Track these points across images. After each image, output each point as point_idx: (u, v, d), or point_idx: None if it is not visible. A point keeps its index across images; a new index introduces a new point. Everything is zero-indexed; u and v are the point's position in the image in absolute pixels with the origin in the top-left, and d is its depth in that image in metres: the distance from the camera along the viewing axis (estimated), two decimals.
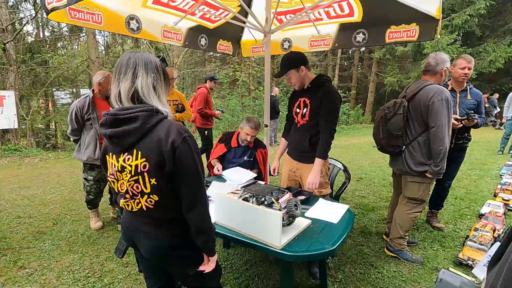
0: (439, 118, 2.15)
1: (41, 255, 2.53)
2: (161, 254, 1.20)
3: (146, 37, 3.47)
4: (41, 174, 5.42)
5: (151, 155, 1.03)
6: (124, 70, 1.05)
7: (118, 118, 1.03)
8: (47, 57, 10.44)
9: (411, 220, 2.43)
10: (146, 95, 1.07)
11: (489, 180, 4.78)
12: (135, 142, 1.04)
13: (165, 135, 1.03)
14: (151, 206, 1.10)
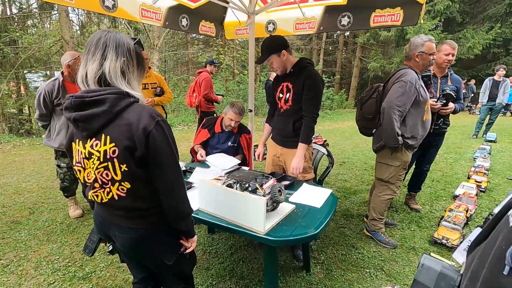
0: (391, 94, 2.20)
1: (17, 245, 2.43)
2: (138, 245, 1.15)
3: (123, 16, 3.27)
4: (15, 161, 5.16)
5: (121, 140, 0.97)
6: (93, 50, 0.98)
7: (84, 101, 0.96)
8: (15, 36, 9.73)
9: (382, 203, 2.49)
10: (114, 79, 1.00)
11: (464, 163, 5.00)
12: (102, 126, 0.98)
13: (136, 119, 0.98)
14: (123, 194, 1.04)
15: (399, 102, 2.17)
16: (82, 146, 1.03)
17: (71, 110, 0.99)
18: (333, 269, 2.20)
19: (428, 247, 2.48)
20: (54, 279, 2.04)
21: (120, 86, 1.01)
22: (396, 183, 2.45)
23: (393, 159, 2.36)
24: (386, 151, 2.38)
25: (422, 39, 2.23)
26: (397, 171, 2.39)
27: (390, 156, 2.37)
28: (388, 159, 2.39)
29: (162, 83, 3.34)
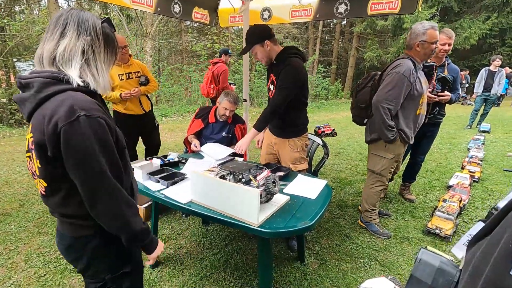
0: (383, 87, 2.15)
1: (6, 238, 2.39)
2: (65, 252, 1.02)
3: (113, 1, 3.16)
4: (4, 152, 5.06)
5: (35, 132, 0.84)
6: (52, 28, 0.88)
7: (20, 82, 0.87)
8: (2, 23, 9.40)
9: (373, 194, 2.48)
10: (66, 59, 0.87)
11: (458, 154, 5.03)
12: (31, 112, 0.86)
13: (51, 111, 0.82)
14: (43, 192, 0.93)
15: (390, 96, 2.11)
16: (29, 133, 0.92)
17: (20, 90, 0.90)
18: (327, 260, 2.20)
19: (421, 237, 2.49)
20: (45, 271, 2.01)
21: (71, 68, 0.88)
22: (387, 175, 2.44)
23: (387, 152, 2.33)
24: (380, 143, 2.35)
25: (424, 27, 2.10)
26: (390, 163, 2.37)
27: (383, 148, 2.34)
28: (382, 151, 2.36)
29: (146, 71, 3.23)
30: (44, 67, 0.89)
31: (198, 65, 12.16)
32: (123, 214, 0.92)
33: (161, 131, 6.39)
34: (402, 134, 2.25)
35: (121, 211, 0.91)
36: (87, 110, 0.83)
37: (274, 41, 2.07)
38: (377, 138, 2.33)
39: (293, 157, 2.19)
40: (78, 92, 0.87)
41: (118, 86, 2.93)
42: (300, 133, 2.22)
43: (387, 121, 2.16)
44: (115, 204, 0.90)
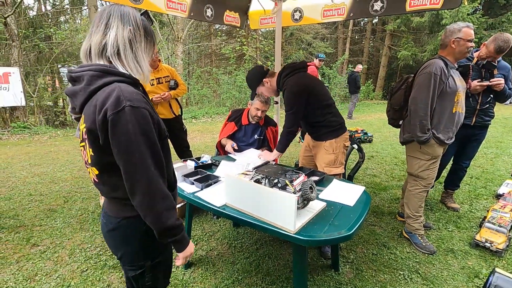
0: (416, 90, 2.14)
1: (53, 232, 2.55)
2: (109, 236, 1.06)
3: (149, 8, 3.27)
4: (51, 151, 5.46)
5: (88, 122, 0.89)
6: (97, 21, 0.92)
7: (70, 76, 0.92)
8: (49, 32, 10.21)
9: (414, 198, 2.35)
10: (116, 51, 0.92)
11: (507, 159, 4.61)
12: (81, 104, 0.92)
13: (101, 101, 0.86)
14: (96, 179, 0.99)
15: (423, 96, 2.09)
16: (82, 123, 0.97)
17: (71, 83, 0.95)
18: (363, 269, 2.10)
19: (468, 250, 2.29)
20: (87, 266, 2.11)
21: (120, 60, 0.93)
22: (428, 178, 2.30)
23: (422, 153, 2.25)
24: (414, 144, 2.28)
25: (459, 25, 2.08)
26: (427, 165, 2.26)
27: (418, 149, 2.26)
28: (417, 152, 2.28)
29: (174, 75, 3.30)
30: (91, 60, 0.93)
31: (227, 68, 12.34)
32: (156, 206, 0.92)
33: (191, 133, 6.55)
34: (435, 133, 2.17)
35: (155, 203, 0.92)
36: (132, 101, 0.86)
37: (271, 74, 2.23)
38: (411, 139, 2.27)
39: (328, 159, 2.14)
40: (124, 83, 0.91)
41: (149, 91, 3.03)
42: (337, 134, 2.17)
43: (424, 122, 2.11)
44: (151, 195, 0.91)
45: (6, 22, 7.71)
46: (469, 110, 2.55)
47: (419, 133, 2.14)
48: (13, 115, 7.97)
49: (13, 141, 6.45)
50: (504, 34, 2.44)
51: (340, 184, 1.90)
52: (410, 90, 2.27)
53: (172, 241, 0.99)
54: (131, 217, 1.00)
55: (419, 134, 2.14)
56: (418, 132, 2.14)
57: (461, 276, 2.02)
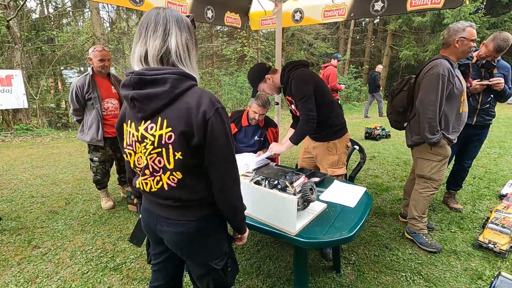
0: (424, 92, 2.10)
1: (54, 234, 2.56)
2: (188, 241, 1.05)
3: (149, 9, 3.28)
4: (53, 153, 5.48)
5: (178, 124, 0.89)
6: (153, 26, 0.90)
7: (144, 79, 0.89)
8: (51, 35, 10.27)
9: (424, 200, 2.33)
10: (180, 56, 0.93)
11: (510, 159, 4.57)
12: (160, 108, 0.90)
13: (196, 103, 0.89)
14: (173, 184, 0.97)
15: (432, 99, 2.05)
16: (134, 128, 0.96)
17: (129, 88, 0.92)
18: (365, 271, 2.08)
19: (471, 251, 2.27)
20: (88, 269, 2.11)
21: (183, 65, 0.94)
22: (440, 179, 2.28)
23: (433, 154, 2.22)
24: (424, 145, 2.24)
25: (463, 24, 2.06)
26: (439, 166, 2.24)
27: (429, 151, 2.22)
28: (428, 154, 2.24)
29: None
30: (147, 65, 0.92)
31: (228, 69, 12.35)
32: (241, 196, 1.05)
33: None
34: (446, 134, 2.15)
35: (240, 194, 1.04)
36: (219, 102, 0.94)
37: (273, 71, 2.21)
38: (420, 141, 2.23)
39: (331, 160, 2.13)
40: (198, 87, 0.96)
41: None
42: (339, 134, 2.16)
43: (433, 124, 2.07)
44: (238, 187, 1.03)
45: (9, 25, 7.77)
46: (470, 109, 2.53)
47: (429, 135, 2.11)
48: (16, 117, 8.02)
49: (16, 143, 6.48)
50: (503, 33, 2.42)
51: (341, 185, 1.89)
52: (413, 92, 2.26)
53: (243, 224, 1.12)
54: (208, 214, 1.05)
55: (429, 136, 2.11)
56: (428, 134, 2.11)
57: (464, 277, 2.00)
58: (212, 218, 1.07)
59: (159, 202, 1.03)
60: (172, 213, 1.03)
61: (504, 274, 0.67)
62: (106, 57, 2.66)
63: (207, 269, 1.12)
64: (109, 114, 2.77)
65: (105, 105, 2.74)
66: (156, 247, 1.20)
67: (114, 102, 2.80)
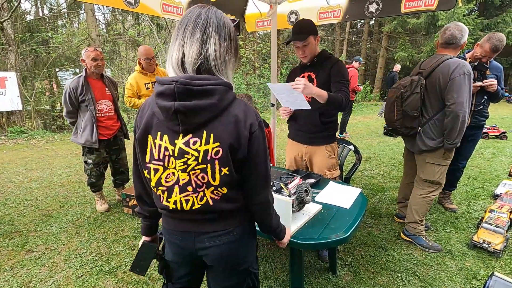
0: (460, 95, 1.98)
1: (48, 238, 2.53)
2: (234, 249, 1.00)
3: (145, 12, 3.28)
4: (47, 156, 5.43)
5: (227, 139, 0.84)
6: (191, 29, 0.82)
7: (190, 89, 0.80)
8: (45, 36, 10.19)
9: (427, 203, 2.33)
10: (218, 66, 0.85)
11: (504, 159, 4.62)
12: (206, 122, 0.83)
13: (243, 116, 0.85)
14: (218, 197, 0.92)
15: (466, 100, 1.99)
16: (168, 142, 0.86)
17: (169, 98, 0.81)
18: (361, 272, 2.09)
19: (466, 251, 2.29)
20: (82, 272, 2.09)
21: (222, 75, 0.86)
22: (444, 182, 2.31)
23: (445, 159, 2.21)
24: (440, 151, 2.18)
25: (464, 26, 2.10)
26: (444, 169, 2.26)
27: (442, 156, 2.19)
28: (440, 159, 2.21)
29: None
30: (184, 72, 0.84)
31: None
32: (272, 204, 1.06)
33: None
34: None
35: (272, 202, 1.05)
36: (258, 115, 0.92)
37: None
38: (438, 145, 2.15)
39: (330, 163, 2.10)
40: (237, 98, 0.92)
41: (144, 95, 3.03)
42: (335, 136, 2.15)
43: (464, 127, 2.05)
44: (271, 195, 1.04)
45: (3, 26, 7.70)
46: None
47: (457, 140, 2.06)
48: (10, 120, 7.94)
49: (10, 145, 6.41)
50: (498, 34, 2.45)
51: (336, 187, 1.90)
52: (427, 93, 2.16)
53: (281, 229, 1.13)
54: (244, 222, 1.03)
55: (457, 140, 2.06)
56: (458, 138, 2.05)
57: (459, 277, 2.02)
58: (250, 223, 1.06)
59: (199, 218, 0.95)
60: (216, 225, 0.97)
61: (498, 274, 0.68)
62: (98, 56, 2.65)
63: (246, 275, 1.09)
64: (103, 116, 2.76)
65: (99, 106, 2.72)
66: (184, 269, 1.10)
67: (108, 104, 2.79)
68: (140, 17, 13.47)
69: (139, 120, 0.92)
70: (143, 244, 1.12)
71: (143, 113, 0.90)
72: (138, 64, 3.08)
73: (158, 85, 0.84)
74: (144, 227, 1.13)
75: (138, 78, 3.04)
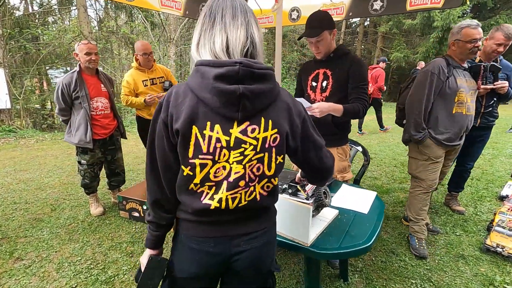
0: (412, 89, 2.16)
1: (39, 244, 2.36)
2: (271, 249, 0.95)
3: (143, 5, 3.14)
4: (37, 156, 5.21)
5: (283, 125, 0.82)
6: (231, 13, 0.78)
7: (253, 72, 0.76)
8: (35, 32, 9.89)
9: (414, 199, 2.30)
10: (260, 52, 0.82)
11: (504, 160, 4.60)
12: (264, 107, 0.80)
13: (292, 103, 0.86)
14: (265, 193, 0.88)
15: (418, 95, 2.08)
16: (221, 132, 0.78)
17: (231, 81, 0.74)
18: (373, 278, 1.99)
19: (479, 255, 2.21)
20: (77, 282, 1.94)
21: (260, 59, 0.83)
22: (427, 179, 2.23)
23: (419, 153, 2.23)
24: (413, 144, 2.25)
25: (460, 25, 2.04)
26: (425, 165, 2.22)
27: (416, 150, 2.24)
28: (415, 152, 2.27)
29: (169, 76, 3.14)
30: (229, 56, 0.78)
31: None
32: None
33: None
34: (432, 133, 2.13)
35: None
36: None
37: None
38: (409, 138, 2.22)
39: (342, 166, 1.98)
40: None
41: (142, 92, 2.89)
42: (348, 139, 2.05)
43: (417, 121, 2.10)
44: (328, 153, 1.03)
45: None
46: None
47: (413, 132, 2.13)
48: None
49: None
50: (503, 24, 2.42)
51: (350, 189, 1.80)
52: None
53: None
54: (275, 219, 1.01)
55: (413, 133, 2.13)
56: (412, 131, 2.13)
57: (475, 283, 1.93)
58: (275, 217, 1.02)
59: (239, 218, 0.88)
60: (254, 225, 0.91)
61: None
62: (92, 50, 2.48)
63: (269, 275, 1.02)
64: (98, 114, 2.60)
65: (94, 104, 2.57)
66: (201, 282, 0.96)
67: (103, 101, 2.63)
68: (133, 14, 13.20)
69: (174, 110, 0.79)
70: (151, 258, 0.96)
71: (178, 102, 0.79)
72: (135, 61, 2.93)
73: (211, 67, 0.75)
74: (151, 239, 0.96)
75: (135, 75, 2.89)
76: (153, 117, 0.85)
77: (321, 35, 1.75)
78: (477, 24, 2.00)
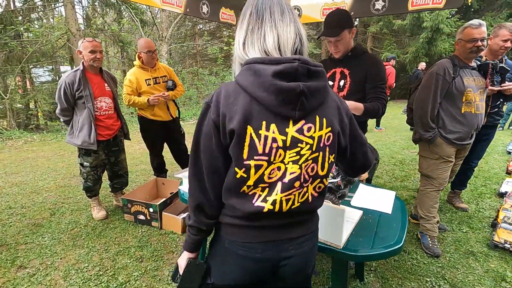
0: (418, 91, 2.21)
1: (41, 251, 2.26)
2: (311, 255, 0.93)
3: (143, 2, 3.05)
4: (28, 158, 5.01)
5: (335, 123, 0.82)
6: (280, 10, 0.78)
7: (309, 69, 0.75)
8: (20, 30, 9.51)
9: (426, 198, 2.33)
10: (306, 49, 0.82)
11: (498, 157, 4.73)
12: (318, 105, 0.79)
13: (339, 101, 0.86)
14: (316, 194, 0.86)
15: (424, 95, 2.12)
16: (277, 131, 0.75)
17: (289, 78, 0.73)
18: (388, 278, 1.99)
19: (487, 251, 2.26)
20: None
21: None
22: (439, 177, 2.26)
23: (430, 152, 2.26)
24: (423, 143, 2.28)
25: (464, 25, 2.09)
26: (436, 164, 2.25)
27: (427, 149, 2.28)
28: (426, 151, 2.30)
29: (172, 75, 3.07)
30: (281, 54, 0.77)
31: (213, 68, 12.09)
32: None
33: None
34: (442, 133, 2.16)
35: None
36: None
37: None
38: (419, 138, 2.26)
39: None
40: None
41: (145, 92, 2.81)
42: None
43: (424, 121, 2.14)
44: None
45: None
46: None
47: (421, 131, 2.17)
48: None
49: None
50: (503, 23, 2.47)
51: (369, 189, 1.79)
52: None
53: None
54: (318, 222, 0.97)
55: (422, 132, 2.17)
56: (421, 131, 2.18)
57: (488, 280, 1.97)
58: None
59: (290, 221, 0.85)
60: (303, 228, 0.89)
61: None
62: (97, 48, 2.39)
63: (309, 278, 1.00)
64: (102, 114, 2.51)
65: (98, 104, 2.47)
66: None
67: (108, 101, 2.54)
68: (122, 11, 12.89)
69: (226, 110, 0.76)
70: (190, 262, 0.92)
71: (229, 101, 0.75)
72: (137, 59, 2.84)
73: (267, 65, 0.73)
74: (191, 242, 0.92)
75: (138, 73, 2.81)
76: (199, 119, 0.82)
77: (341, 35, 1.73)
78: (479, 24, 2.03)
